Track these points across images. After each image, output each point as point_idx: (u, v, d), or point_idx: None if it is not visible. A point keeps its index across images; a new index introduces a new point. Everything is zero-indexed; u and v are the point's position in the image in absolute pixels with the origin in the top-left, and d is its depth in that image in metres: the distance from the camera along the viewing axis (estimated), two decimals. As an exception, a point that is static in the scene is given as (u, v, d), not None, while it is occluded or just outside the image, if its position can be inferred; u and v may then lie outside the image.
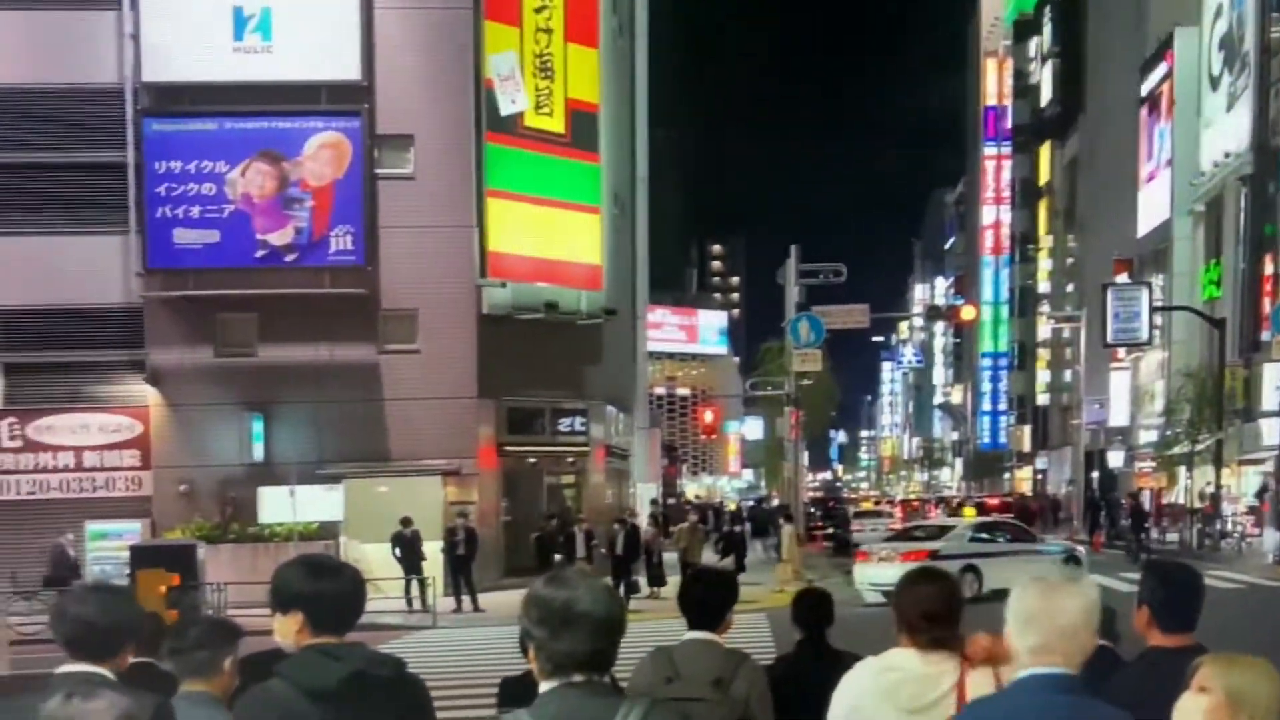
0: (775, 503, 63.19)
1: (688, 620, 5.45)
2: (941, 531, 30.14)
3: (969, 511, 53.38)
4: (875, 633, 4.74)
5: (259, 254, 33.71)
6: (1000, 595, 3.72)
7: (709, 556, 34.44)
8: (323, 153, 33.79)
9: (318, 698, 3.70)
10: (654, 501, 53.88)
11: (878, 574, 26.68)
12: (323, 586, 3.87)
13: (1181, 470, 48.66)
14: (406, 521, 29.92)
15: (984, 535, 29.55)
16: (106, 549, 30.14)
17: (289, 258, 33.83)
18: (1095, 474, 64.48)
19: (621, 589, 27.37)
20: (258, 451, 34.01)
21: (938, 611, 4.38)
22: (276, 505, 31.70)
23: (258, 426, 34.05)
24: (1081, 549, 32.94)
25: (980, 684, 4.22)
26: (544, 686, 3.13)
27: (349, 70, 33.79)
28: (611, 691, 3.20)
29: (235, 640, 4.83)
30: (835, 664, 5.60)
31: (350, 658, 3.78)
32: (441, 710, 4.34)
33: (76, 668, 4.08)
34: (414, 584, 29.34)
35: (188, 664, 4.71)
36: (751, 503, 68.67)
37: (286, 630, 3.88)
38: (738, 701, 5.22)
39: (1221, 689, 3.15)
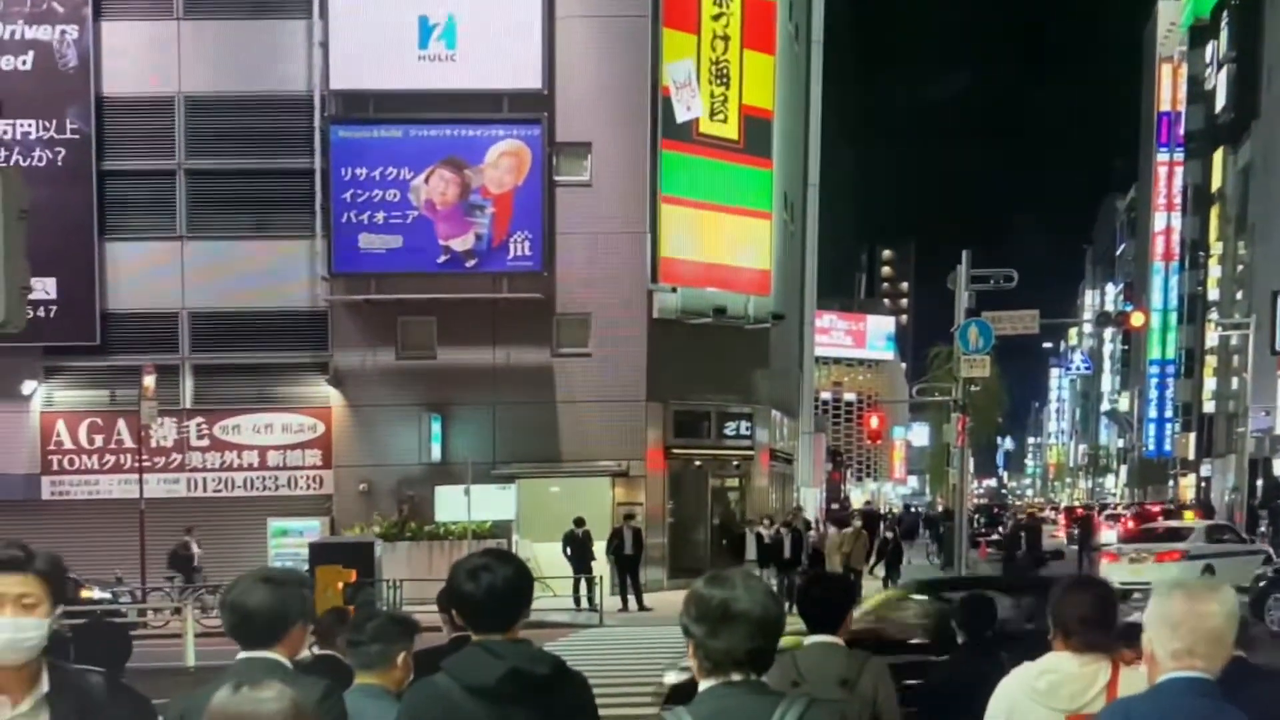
0: (940, 508, 62.56)
1: (808, 625, 5.51)
2: (1176, 534, 33.33)
3: (1189, 515, 52.40)
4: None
5: (440, 259, 34.04)
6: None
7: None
8: (504, 160, 34.02)
9: (477, 693, 3.78)
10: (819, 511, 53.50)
11: (1128, 573, 28.89)
12: (470, 587, 3.92)
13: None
14: (579, 522, 30.10)
15: (1217, 537, 33.08)
16: (288, 545, 30.69)
17: (469, 263, 34.13)
18: (1260, 481, 62.73)
19: (782, 589, 27.25)
20: (435, 452, 34.37)
21: (1094, 617, 4.41)
22: (452, 504, 31.99)
23: (435, 427, 34.42)
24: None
25: (1132, 683, 4.22)
26: (703, 685, 3.18)
27: (530, 79, 33.97)
28: (769, 690, 3.20)
29: (410, 635, 4.96)
30: (996, 667, 5.60)
31: (511, 655, 3.83)
32: (604, 708, 4.38)
33: (252, 654, 4.11)
34: (583, 583, 29.45)
35: (363, 656, 4.86)
36: (902, 508, 67.52)
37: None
38: (866, 700, 5.30)
39: None
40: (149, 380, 30.71)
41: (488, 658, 3.81)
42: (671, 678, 12.62)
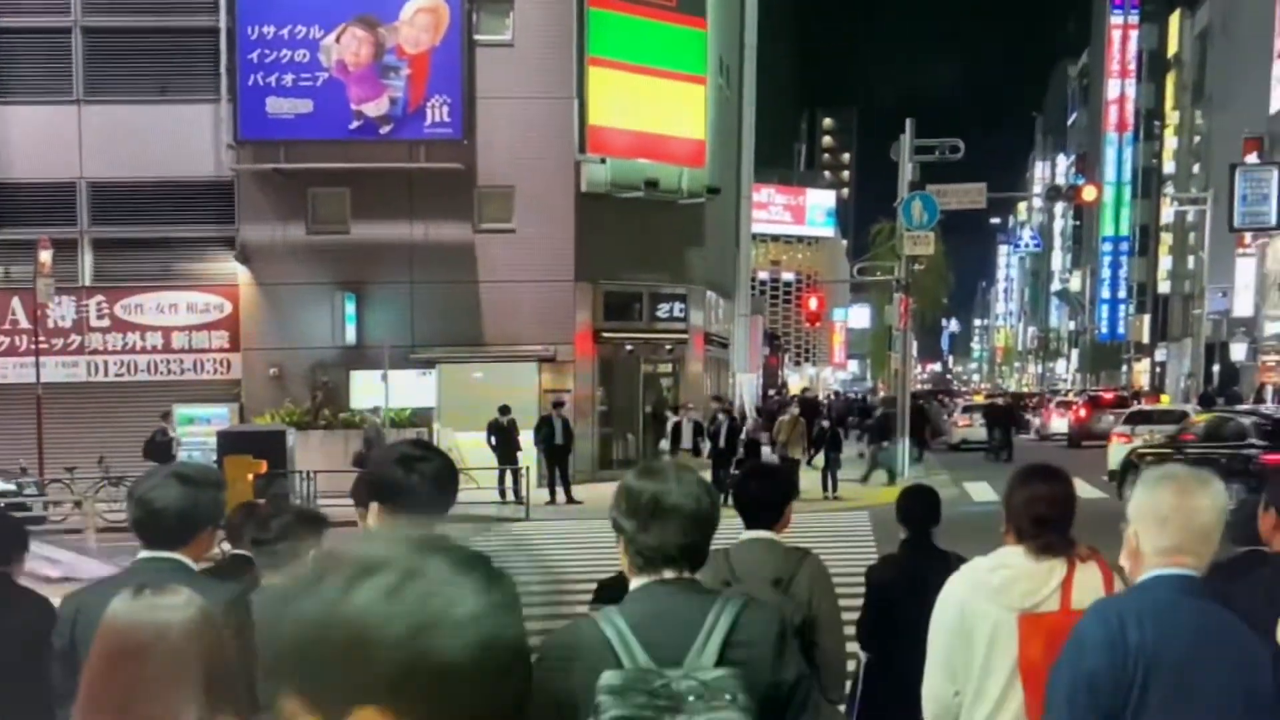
0: (881, 395, 62.91)
1: (745, 519, 5.44)
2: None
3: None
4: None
5: (353, 125, 33.63)
6: None
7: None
8: (420, 18, 33.52)
9: None
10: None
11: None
12: (403, 477, 3.77)
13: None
14: (504, 410, 29.97)
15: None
16: (195, 434, 30.50)
17: (384, 129, 33.74)
18: (1216, 367, 63.59)
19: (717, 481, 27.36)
20: (350, 334, 34.12)
21: (1050, 515, 4.33)
22: (368, 390, 31.91)
23: (350, 307, 34.14)
24: None
25: (1087, 579, 4.26)
26: (634, 583, 3.16)
27: (446, -70, 33.46)
28: (703, 589, 3.18)
29: (320, 532, 4.85)
30: (942, 563, 5.69)
31: None
32: (531, 604, 4.23)
33: (154, 554, 4.06)
34: (508, 474, 29.48)
35: (270, 556, 4.79)
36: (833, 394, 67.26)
37: (371, 521, 3.81)
38: (801, 602, 5.20)
39: None
40: (45, 255, 30.19)
41: None
42: None
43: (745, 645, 3.09)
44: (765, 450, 31.07)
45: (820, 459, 32.26)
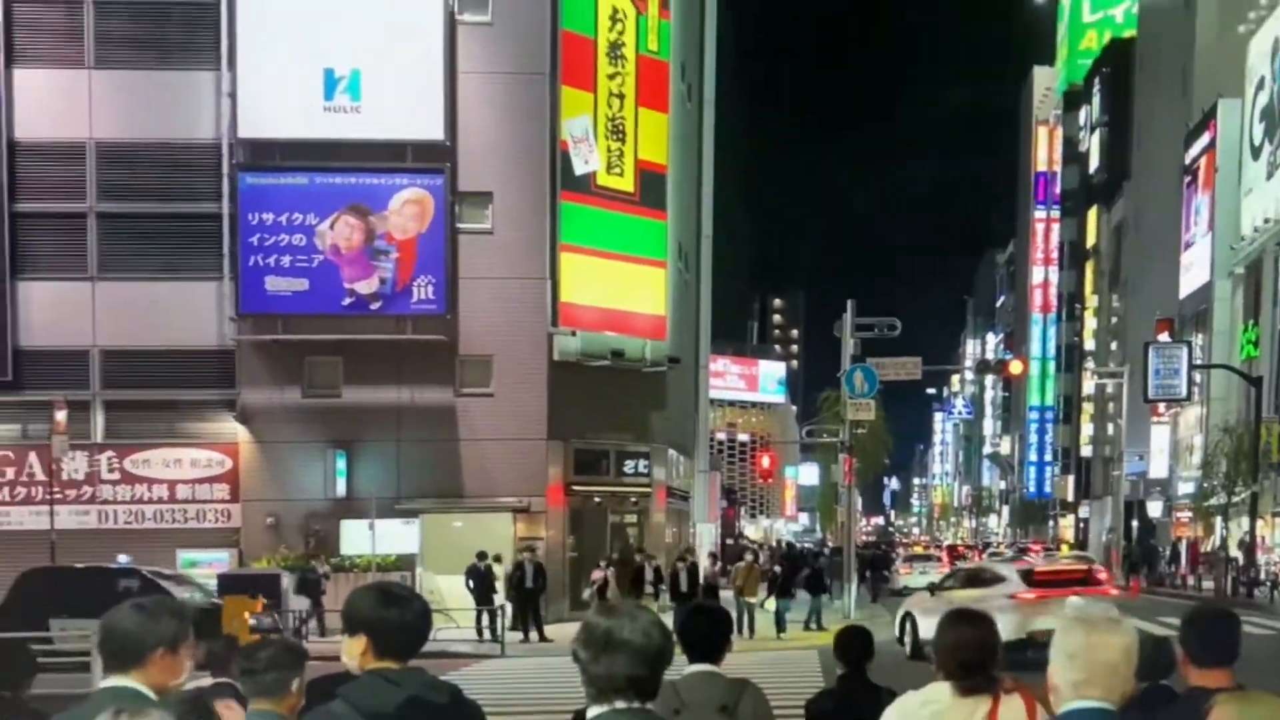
0: (830, 546, 62.81)
1: (688, 654, 5.41)
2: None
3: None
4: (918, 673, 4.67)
5: (346, 301, 33.94)
6: None
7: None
8: (407, 208, 34.02)
9: None
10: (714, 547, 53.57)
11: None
12: (390, 614, 3.82)
13: (1218, 521, 48.06)
14: (482, 555, 30.02)
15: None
16: (197, 576, 30.28)
17: (374, 305, 34.06)
18: (1135, 523, 63.80)
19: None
20: (340, 487, 34.23)
21: (974, 659, 4.30)
22: (357, 538, 31.89)
23: (341, 463, 34.27)
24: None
25: (1011, 713, 4.22)
26: (591, 712, 3.13)
27: (433, 130, 34.01)
28: (654, 717, 3.16)
29: (302, 663, 4.84)
30: (875, 696, 5.69)
31: (408, 683, 3.75)
32: None
33: (111, 682, 3.98)
34: (485, 615, 29.36)
35: (259, 685, 4.74)
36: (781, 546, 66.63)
37: (353, 652, 3.84)
38: None
39: None
40: (60, 415, 30.38)
41: (387, 685, 3.73)
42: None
43: None
44: (725, 595, 30.99)
45: (772, 602, 32.13)
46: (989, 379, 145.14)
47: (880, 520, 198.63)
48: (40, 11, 34.64)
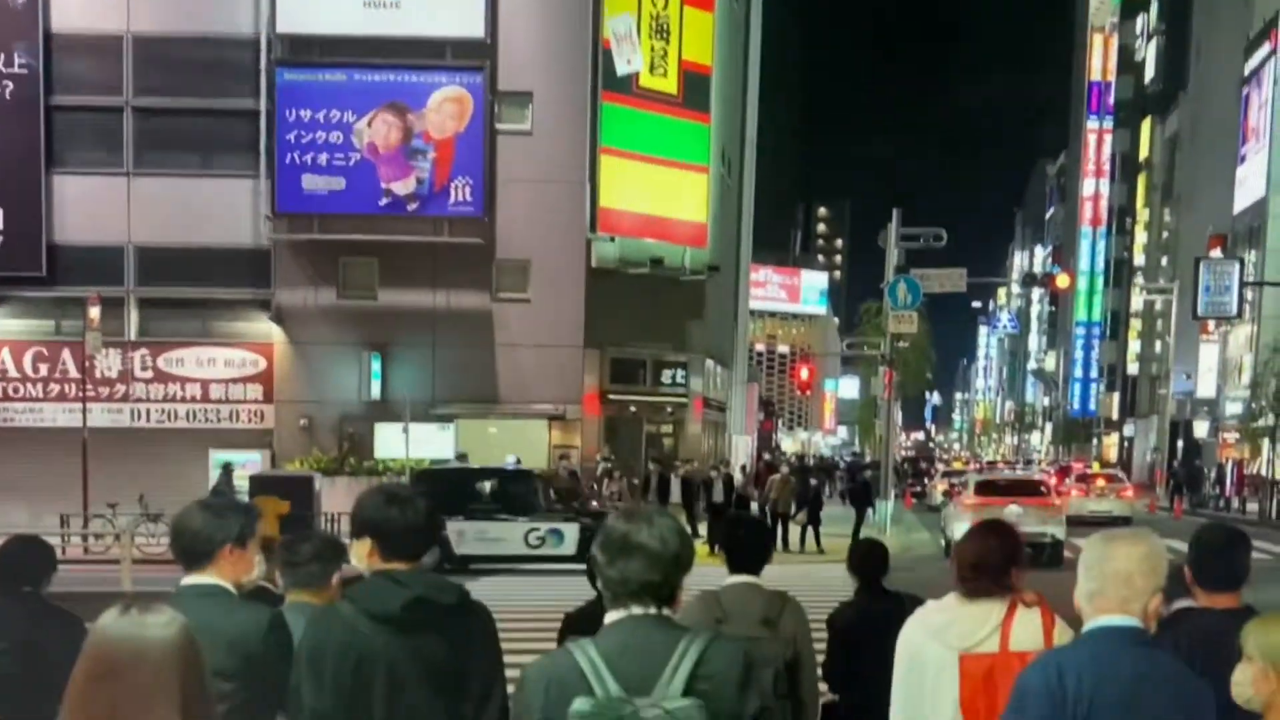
0: (868, 459, 62.75)
1: (730, 564, 5.53)
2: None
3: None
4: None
5: (382, 202, 33.86)
6: None
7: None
8: (446, 106, 33.81)
9: (380, 621, 3.72)
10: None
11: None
12: (392, 513, 3.86)
13: (1265, 442, 47.72)
14: (517, 461, 29.98)
15: None
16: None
17: (411, 206, 33.96)
18: (1180, 443, 63.49)
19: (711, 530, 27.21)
20: (375, 390, 34.38)
21: (982, 563, 4.37)
22: (391, 442, 31.92)
23: (376, 366, 34.38)
24: None
25: (1028, 622, 4.29)
26: (609, 617, 3.16)
27: (473, 27, 33.73)
28: (674, 625, 3.17)
29: (341, 557, 4.91)
30: (896, 603, 5.88)
31: (414, 583, 3.77)
32: (512, 639, 4.28)
33: (192, 580, 4.16)
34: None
35: (302, 576, 4.85)
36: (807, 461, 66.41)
37: (361, 554, 3.90)
38: (788, 639, 5.32)
39: (1258, 654, 3.32)
40: (94, 311, 30.34)
41: (393, 586, 3.75)
42: None
43: (711, 678, 3.06)
44: (753, 506, 30.93)
45: (804, 515, 31.99)
46: (1035, 293, 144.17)
47: (920, 435, 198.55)
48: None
